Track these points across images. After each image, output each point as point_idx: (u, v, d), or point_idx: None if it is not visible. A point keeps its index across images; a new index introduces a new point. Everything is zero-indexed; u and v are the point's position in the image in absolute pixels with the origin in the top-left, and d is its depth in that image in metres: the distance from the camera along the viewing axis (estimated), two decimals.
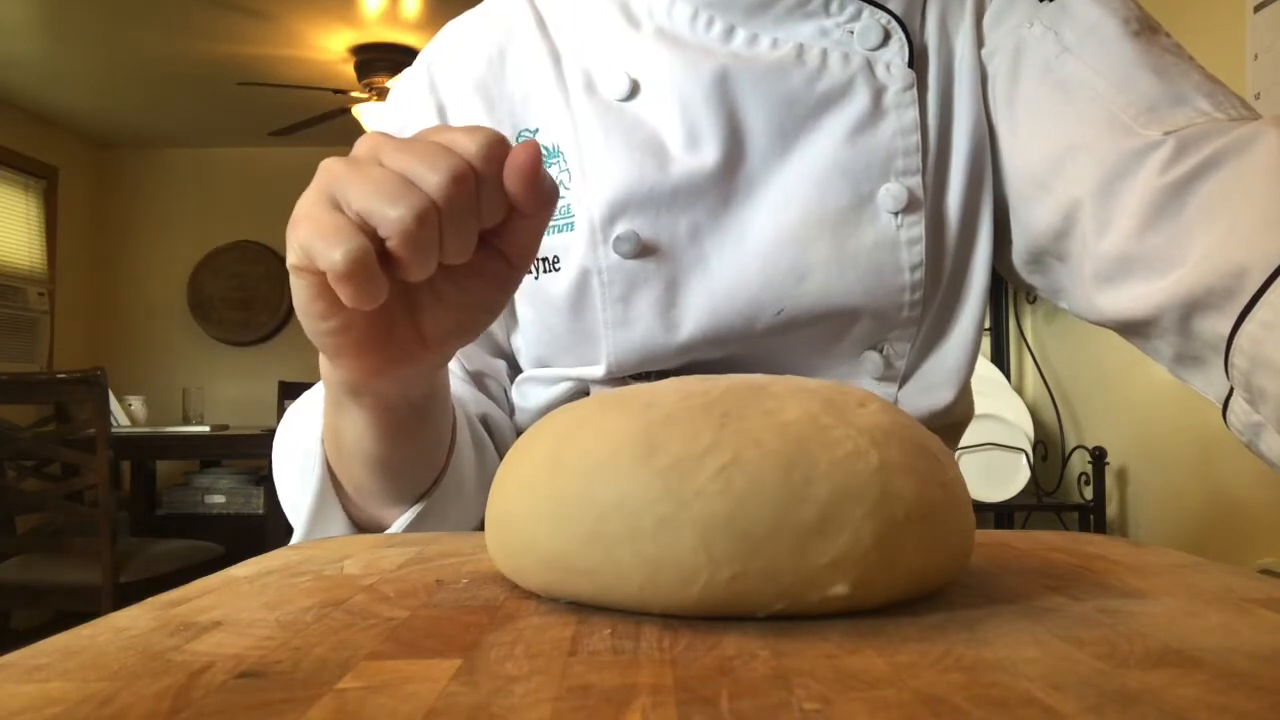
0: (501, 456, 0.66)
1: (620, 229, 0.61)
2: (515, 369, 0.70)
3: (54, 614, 3.04)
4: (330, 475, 0.55)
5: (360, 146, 0.39)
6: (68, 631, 0.29)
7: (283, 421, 0.63)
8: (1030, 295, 2.63)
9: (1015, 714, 0.21)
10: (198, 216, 4.93)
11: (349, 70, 3.92)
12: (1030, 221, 0.62)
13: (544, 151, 0.64)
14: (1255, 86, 1.66)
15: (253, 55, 3.82)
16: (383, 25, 3.57)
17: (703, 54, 0.62)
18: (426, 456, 0.55)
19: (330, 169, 0.38)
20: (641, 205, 0.61)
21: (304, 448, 0.56)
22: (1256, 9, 1.66)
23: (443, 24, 0.73)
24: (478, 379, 0.69)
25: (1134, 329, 0.57)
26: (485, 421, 0.67)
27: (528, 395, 0.68)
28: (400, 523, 0.55)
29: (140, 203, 4.96)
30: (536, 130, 0.65)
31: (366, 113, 3.90)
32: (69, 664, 0.26)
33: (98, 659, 0.26)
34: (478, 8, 0.72)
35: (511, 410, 0.71)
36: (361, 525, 0.57)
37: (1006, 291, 2.62)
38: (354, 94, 3.94)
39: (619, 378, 0.64)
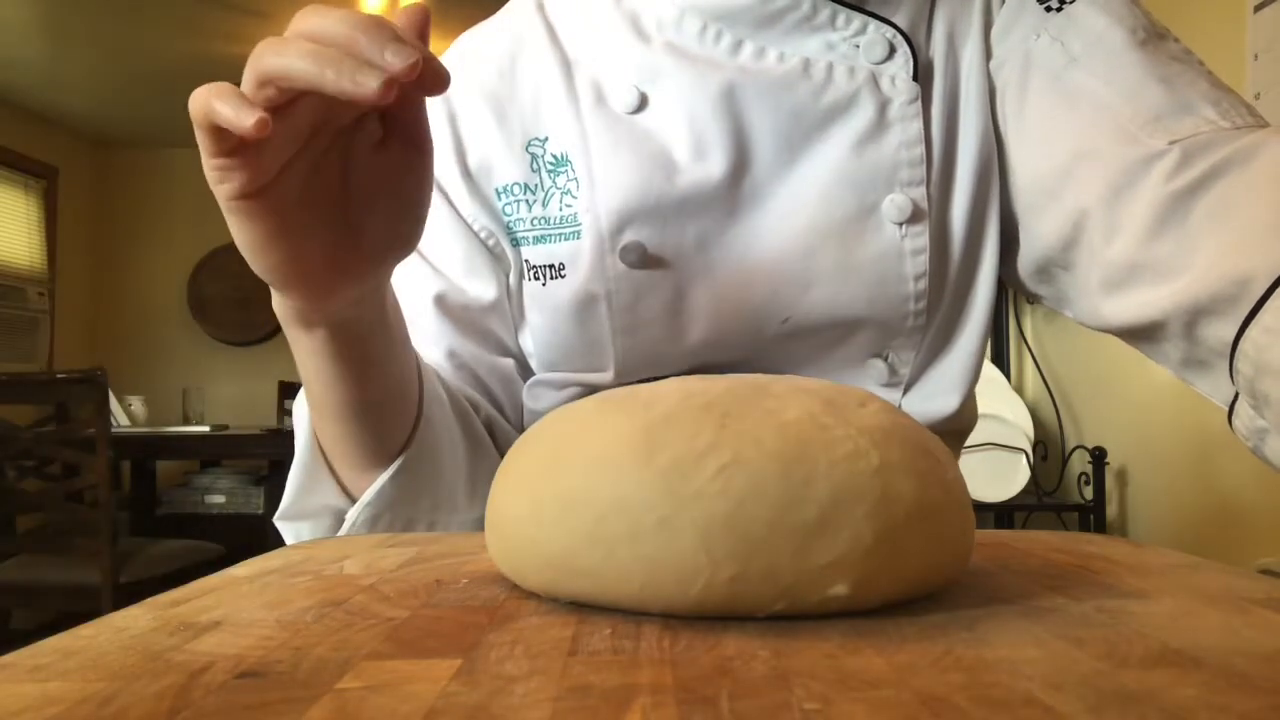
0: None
1: (627, 239, 0.62)
2: (527, 371, 0.71)
3: (54, 614, 3.04)
4: (319, 446, 0.58)
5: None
6: (68, 631, 0.29)
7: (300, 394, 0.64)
8: (1029, 298, 2.62)
9: (1015, 714, 0.21)
10: (198, 216, 4.92)
11: None
12: (1038, 231, 0.63)
13: (552, 159, 0.65)
14: (1255, 86, 1.66)
15: None
16: None
17: (711, 67, 0.63)
18: (395, 399, 0.57)
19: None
20: (649, 215, 0.62)
21: (300, 415, 0.59)
22: (1256, 9, 1.66)
23: (443, 24, 0.73)
24: (485, 387, 0.69)
25: (1140, 335, 0.57)
26: (490, 425, 0.68)
27: (539, 398, 0.69)
28: (380, 481, 0.57)
29: (140, 203, 4.95)
30: (546, 139, 0.65)
31: None
32: (69, 664, 0.26)
33: (98, 659, 0.26)
34: (491, 19, 0.72)
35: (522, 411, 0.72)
36: (352, 496, 0.59)
37: (1006, 292, 2.62)
38: None
39: (627, 383, 0.64)
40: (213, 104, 0.38)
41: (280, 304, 0.50)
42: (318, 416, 0.57)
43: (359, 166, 0.46)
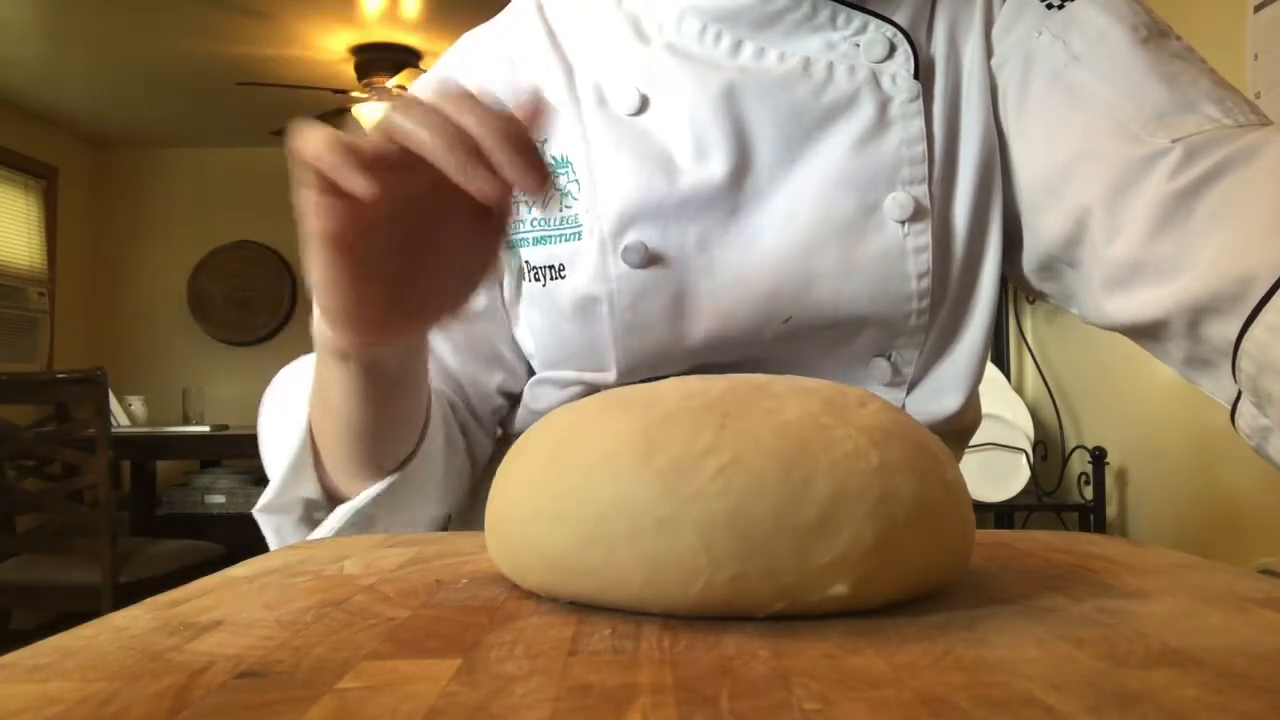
0: (475, 467, 0.70)
1: (629, 239, 0.62)
2: (528, 371, 0.71)
3: (54, 614, 3.04)
4: (310, 441, 0.59)
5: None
6: (68, 631, 0.29)
7: (275, 382, 0.67)
8: (1030, 296, 2.62)
9: (1015, 714, 0.21)
10: (198, 216, 4.92)
11: (349, 70, 3.91)
12: (1041, 229, 0.63)
13: (552, 161, 0.65)
14: (1255, 86, 1.66)
15: (253, 55, 3.81)
16: (383, 25, 3.56)
17: (711, 68, 0.63)
18: (402, 427, 0.59)
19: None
20: (650, 216, 0.62)
21: (291, 409, 0.60)
22: (1256, 9, 1.66)
23: (443, 24, 0.73)
24: (463, 391, 0.70)
25: (1143, 333, 0.57)
26: (464, 426, 0.70)
27: (540, 397, 0.69)
28: (371, 492, 0.58)
29: (140, 203, 4.95)
30: (546, 141, 0.66)
31: (366, 112, 3.89)
32: (69, 664, 0.26)
33: (98, 659, 0.26)
34: (491, 21, 0.72)
35: (501, 424, 0.73)
36: (330, 495, 0.60)
37: (1006, 292, 2.62)
38: (354, 94, 3.94)
39: (629, 383, 0.64)
40: (324, 158, 0.39)
41: (322, 333, 0.51)
42: (322, 421, 0.58)
43: (443, 234, 0.47)
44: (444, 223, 0.47)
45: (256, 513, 0.61)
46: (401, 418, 0.58)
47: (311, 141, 0.40)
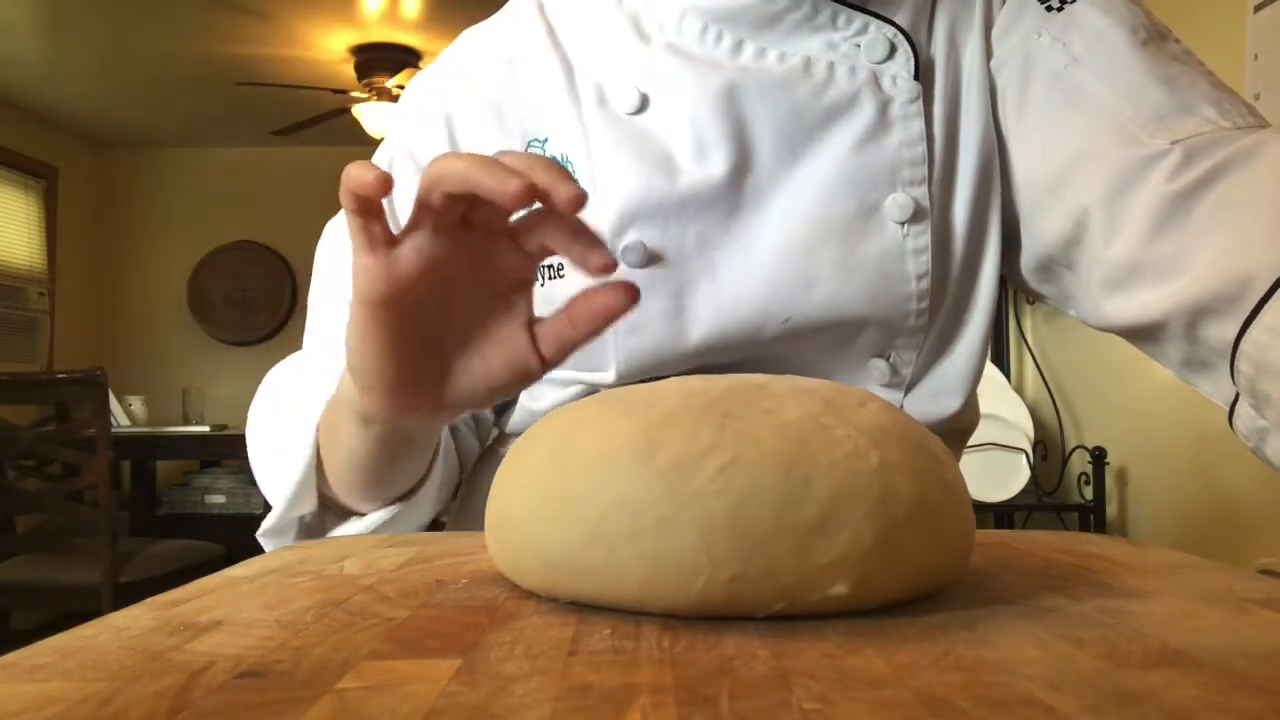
0: (462, 468, 0.72)
1: (628, 239, 0.62)
2: None
3: (54, 614, 3.04)
4: (315, 460, 0.59)
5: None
6: (68, 631, 0.29)
7: (267, 387, 0.67)
8: (1030, 298, 2.62)
9: (1015, 714, 0.21)
10: (198, 216, 4.92)
11: (349, 70, 3.91)
12: (1040, 230, 0.63)
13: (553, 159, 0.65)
14: (1255, 87, 1.66)
15: (253, 55, 3.81)
16: (383, 25, 3.56)
17: (712, 68, 0.63)
18: (412, 471, 0.60)
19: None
20: (650, 216, 0.62)
21: (294, 427, 0.60)
22: (1256, 9, 1.66)
23: (443, 24, 0.73)
24: None
25: (1141, 335, 0.57)
26: (454, 429, 0.70)
27: (539, 396, 0.69)
28: (372, 519, 0.60)
29: (140, 203, 4.95)
30: (546, 140, 0.66)
31: (366, 112, 3.89)
32: (69, 664, 0.26)
33: (98, 659, 0.26)
34: (490, 20, 0.72)
35: (488, 429, 0.73)
36: (329, 506, 0.62)
37: (1006, 292, 2.62)
38: (354, 94, 3.94)
39: (629, 383, 0.64)
40: (349, 169, 0.39)
41: (348, 387, 0.51)
42: (331, 453, 0.58)
43: (474, 327, 0.47)
44: (478, 313, 0.47)
45: (260, 536, 0.62)
46: (410, 467, 0.59)
47: (354, 175, 0.39)
